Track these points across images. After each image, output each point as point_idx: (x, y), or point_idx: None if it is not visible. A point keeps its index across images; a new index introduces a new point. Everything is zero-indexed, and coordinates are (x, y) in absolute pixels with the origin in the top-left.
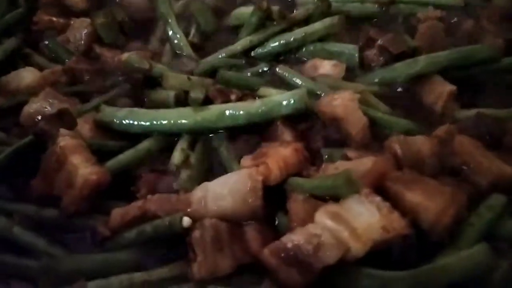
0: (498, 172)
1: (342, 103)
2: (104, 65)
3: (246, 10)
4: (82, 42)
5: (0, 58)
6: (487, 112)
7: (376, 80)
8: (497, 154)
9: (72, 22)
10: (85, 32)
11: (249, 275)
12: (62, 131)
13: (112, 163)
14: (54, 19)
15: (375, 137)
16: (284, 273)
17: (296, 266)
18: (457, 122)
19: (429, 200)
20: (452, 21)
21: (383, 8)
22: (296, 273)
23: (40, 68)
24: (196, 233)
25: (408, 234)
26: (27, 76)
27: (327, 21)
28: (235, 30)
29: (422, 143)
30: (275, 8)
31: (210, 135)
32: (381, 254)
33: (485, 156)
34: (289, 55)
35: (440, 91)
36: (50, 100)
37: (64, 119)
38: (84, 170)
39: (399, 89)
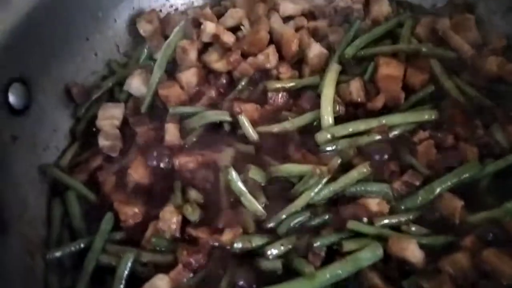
0: None
1: (408, 246)
2: (204, 246)
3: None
4: (176, 229)
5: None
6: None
7: (409, 206)
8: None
9: (160, 214)
10: (175, 220)
11: None
12: None
13: None
14: (137, 211)
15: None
16: None
17: None
18: (475, 229)
19: None
20: (437, 138)
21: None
22: None
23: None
24: None
25: None
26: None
27: (360, 169)
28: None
29: (462, 258)
30: (324, 168)
31: None
32: None
33: (505, 262)
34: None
35: (454, 206)
36: None
37: None
38: None
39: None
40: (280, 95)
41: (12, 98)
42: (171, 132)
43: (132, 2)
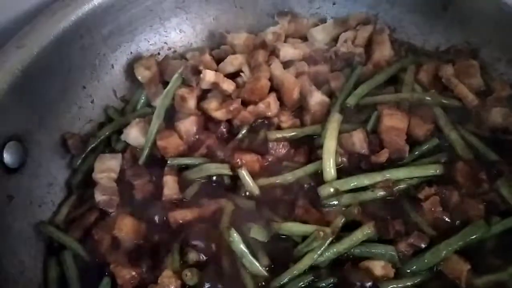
0: None
1: None
2: None
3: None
4: None
5: None
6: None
7: (415, 270)
8: None
9: (159, 279)
10: (174, 286)
11: None
12: None
13: None
14: (134, 274)
15: None
16: None
17: None
18: None
19: None
20: (443, 194)
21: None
22: None
23: None
24: None
25: None
26: None
27: (364, 229)
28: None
29: None
30: (327, 230)
31: None
32: None
33: None
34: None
35: (460, 269)
36: None
37: None
38: None
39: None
40: (281, 145)
41: (7, 157)
42: (170, 186)
43: (129, 46)
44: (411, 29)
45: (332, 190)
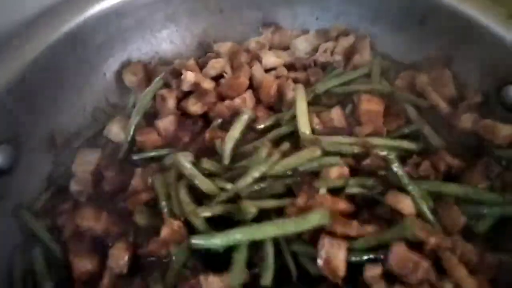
0: None
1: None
2: None
3: None
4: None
5: None
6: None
7: None
8: None
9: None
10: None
11: None
12: None
13: None
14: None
15: None
16: None
17: None
18: None
19: None
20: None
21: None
22: None
23: None
24: None
25: None
26: None
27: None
28: None
29: None
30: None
31: None
32: None
33: None
34: None
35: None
36: None
37: None
38: None
39: None
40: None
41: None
42: (138, 177)
43: (122, 56)
44: (390, 45)
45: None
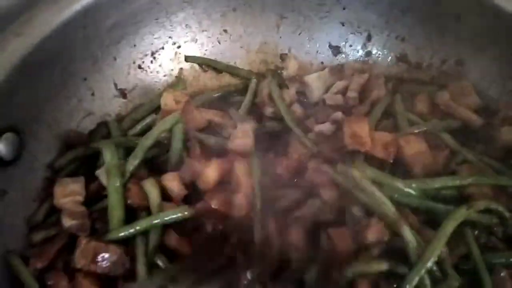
0: None
1: None
2: None
3: None
4: None
5: None
6: None
7: None
8: None
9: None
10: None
11: None
12: None
13: None
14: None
15: None
16: None
17: None
18: None
19: None
20: None
21: None
22: None
23: None
24: None
25: None
26: None
27: None
28: None
29: None
30: None
31: None
32: None
33: None
34: None
35: None
36: None
37: None
38: None
39: None
40: None
41: (2, 149)
42: None
43: (133, 39)
44: (420, 39)
45: None
